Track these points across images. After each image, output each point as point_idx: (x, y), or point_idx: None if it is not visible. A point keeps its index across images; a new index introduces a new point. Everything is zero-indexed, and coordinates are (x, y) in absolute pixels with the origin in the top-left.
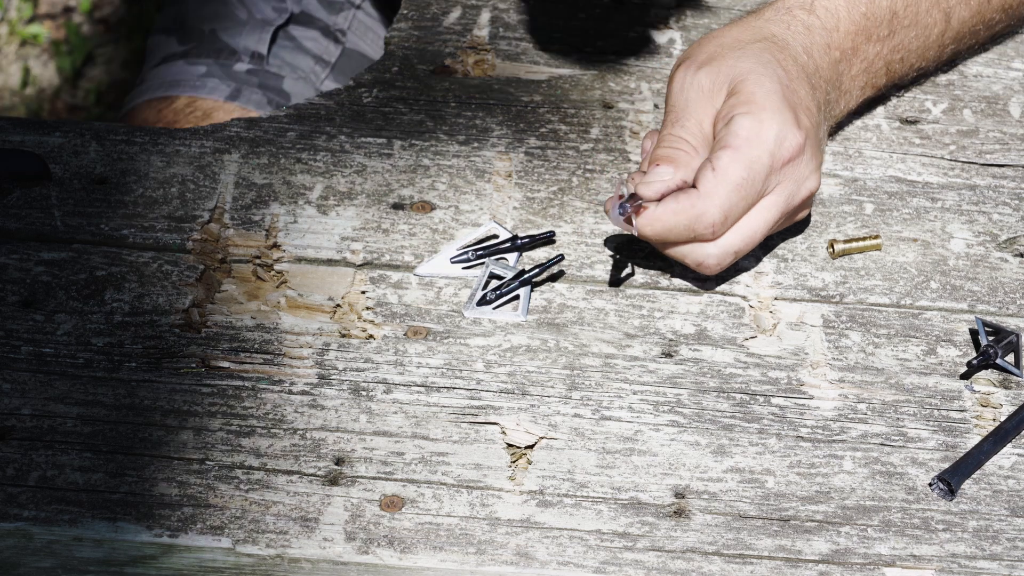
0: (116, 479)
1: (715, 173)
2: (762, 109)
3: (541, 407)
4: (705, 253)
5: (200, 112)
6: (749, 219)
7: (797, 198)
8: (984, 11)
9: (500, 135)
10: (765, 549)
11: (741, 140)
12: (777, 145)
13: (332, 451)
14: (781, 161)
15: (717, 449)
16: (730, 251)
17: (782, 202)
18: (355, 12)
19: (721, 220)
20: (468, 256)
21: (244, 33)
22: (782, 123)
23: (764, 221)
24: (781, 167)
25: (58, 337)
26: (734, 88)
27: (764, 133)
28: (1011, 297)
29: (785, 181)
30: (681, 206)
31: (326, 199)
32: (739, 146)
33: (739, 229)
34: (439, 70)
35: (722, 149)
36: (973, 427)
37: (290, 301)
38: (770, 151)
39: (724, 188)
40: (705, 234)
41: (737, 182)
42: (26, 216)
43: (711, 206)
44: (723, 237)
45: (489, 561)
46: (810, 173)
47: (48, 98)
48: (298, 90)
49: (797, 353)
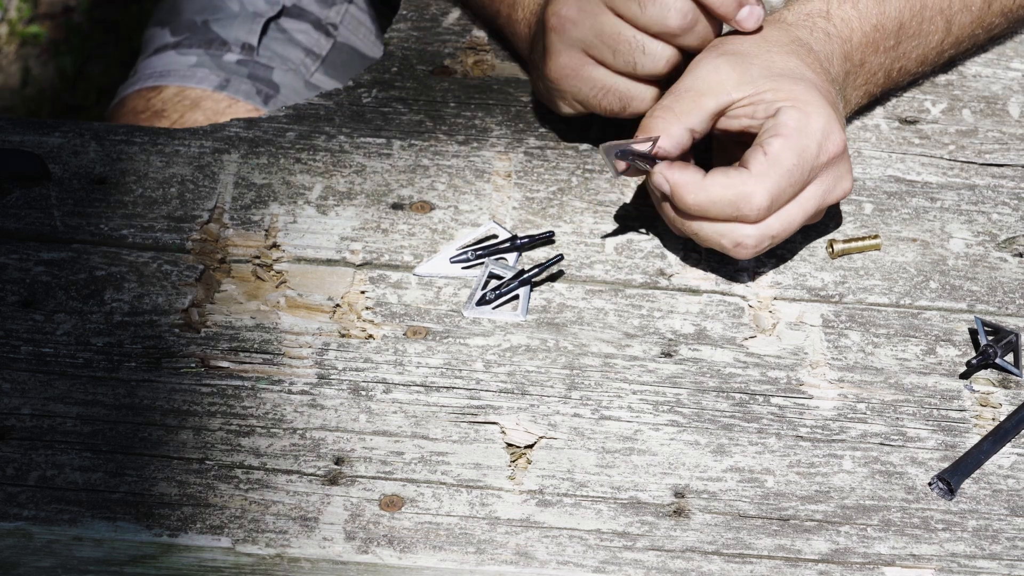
0: (116, 479)
1: (767, 157)
2: (807, 103)
3: (541, 407)
4: (744, 234)
5: (188, 101)
6: (791, 207)
7: (833, 195)
8: (984, 17)
9: (499, 135)
10: (765, 549)
11: (791, 129)
12: (824, 137)
13: (332, 451)
14: (827, 155)
15: (717, 449)
16: (768, 235)
17: (820, 195)
18: (347, 7)
19: (768, 204)
20: (467, 256)
21: (236, 24)
22: (828, 119)
23: (803, 211)
24: (826, 161)
25: (58, 337)
26: (773, 85)
27: (812, 125)
28: (1010, 297)
29: (825, 176)
30: (731, 181)
31: (325, 199)
32: (790, 135)
33: (781, 215)
34: (438, 70)
35: (773, 136)
36: (972, 427)
37: (289, 301)
38: (818, 142)
39: (776, 172)
40: (749, 215)
41: (788, 168)
42: (26, 216)
43: (761, 188)
44: (764, 221)
45: (489, 560)
46: (846, 173)
47: (48, 98)
48: (288, 82)
49: (797, 353)
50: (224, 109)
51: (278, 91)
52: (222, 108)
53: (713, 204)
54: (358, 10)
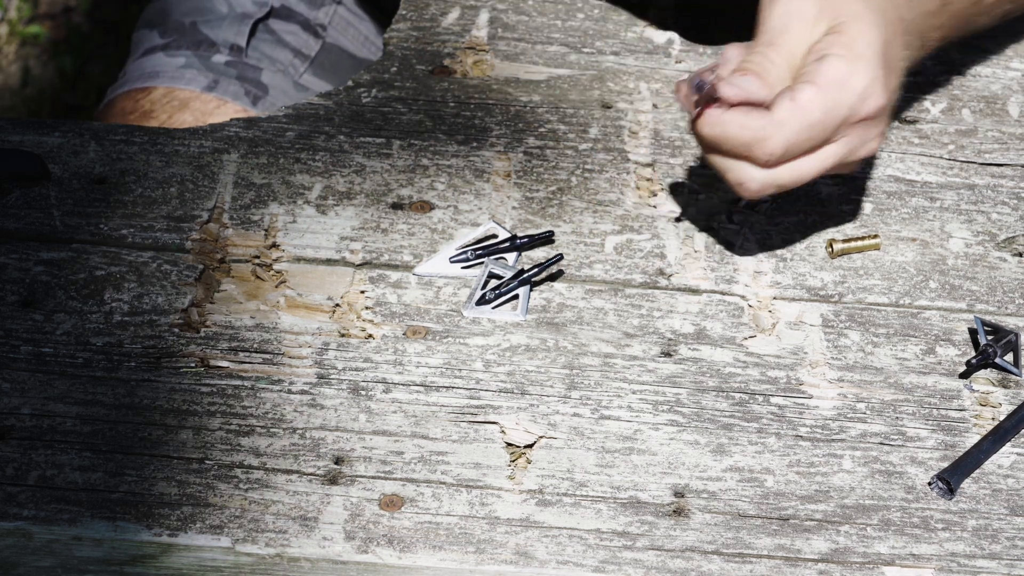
0: (115, 478)
1: (793, 104)
2: (858, 58)
3: (540, 406)
4: (750, 176)
5: (177, 102)
6: (807, 159)
7: (855, 156)
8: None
9: (499, 135)
10: (764, 548)
11: (828, 81)
12: (861, 99)
13: (331, 450)
14: (858, 116)
15: (716, 448)
16: (775, 182)
17: (841, 154)
18: (336, 8)
19: (782, 151)
20: (467, 256)
21: (224, 26)
22: (872, 79)
23: (818, 166)
24: (856, 122)
25: (57, 337)
26: (836, 26)
27: (853, 82)
28: (1010, 296)
29: (852, 135)
30: (749, 122)
31: (325, 199)
32: (825, 86)
33: (793, 166)
34: (438, 70)
35: (807, 83)
36: (972, 426)
37: (289, 301)
38: (851, 103)
39: (797, 122)
40: (760, 158)
41: (811, 121)
42: (25, 216)
43: (778, 135)
44: (775, 168)
45: (488, 560)
46: (876, 135)
47: (48, 98)
48: (277, 83)
49: (796, 352)
50: (213, 110)
51: (267, 92)
52: (211, 109)
53: (727, 140)
54: (347, 11)
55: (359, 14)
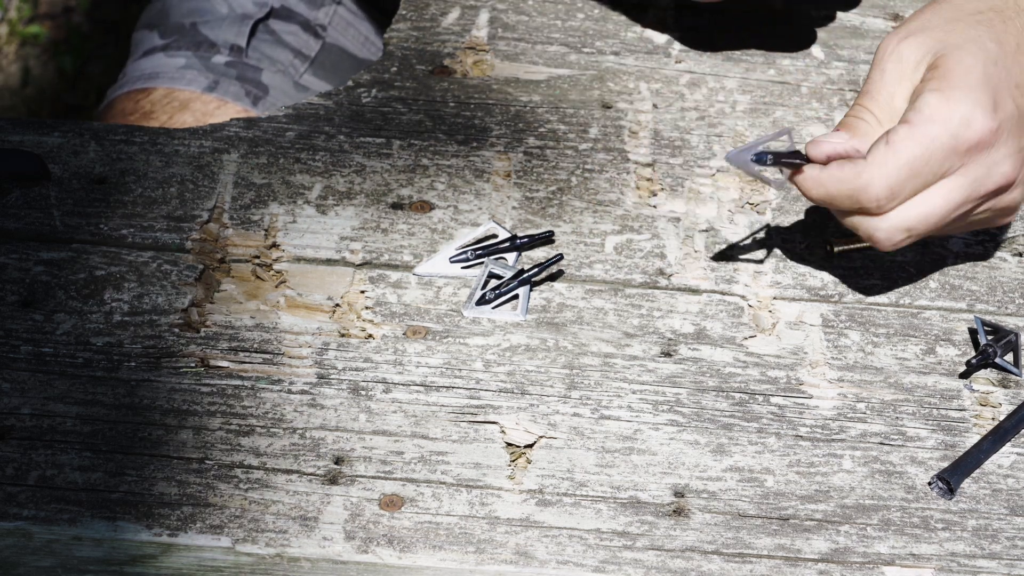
0: (115, 478)
1: (887, 147)
2: (954, 88)
3: (540, 406)
4: (873, 227)
5: (177, 103)
6: (925, 198)
7: (986, 185)
8: None
9: (499, 135)
10: (764, 548)
11: (922, 117)
12: (962, 126)
13: (331, 450)
14: (966, 144)
15: (716, 448)
16: (901, 228)
17: (967, 185)
18: (336, 8)
19: (887, 195)
20: (467, 256)
21: (224, 26)
22: (973, 104)
23: (943, 202)
24: (965, 150)
25: (57, 337)
26: (935, 62)
27: (949, 113)
28: (1010, 296)
29: (971, 164)
30: (845, 174)
31: (325, 199)
32: (918, 123)
33: (912, 207)
34: (438, 70)
35: (901, 124)
36: (972, 426)
37: (289, 301)
38: (952, 132)
39: (893, 162)
40: (870, 207)
41: (908, 158)
42: (25, 216)
43: (876, 178)
44: (892, 213)
45: (488, 560)
46: (1003, 158)
47: (48, 98)
48: (277, 83)
49: (796, 352)
50: (213, 111)
51: (267, 92)
52: (211, 110)
53: (832, 197)
54: (347, 11)
55: (359, 14)
